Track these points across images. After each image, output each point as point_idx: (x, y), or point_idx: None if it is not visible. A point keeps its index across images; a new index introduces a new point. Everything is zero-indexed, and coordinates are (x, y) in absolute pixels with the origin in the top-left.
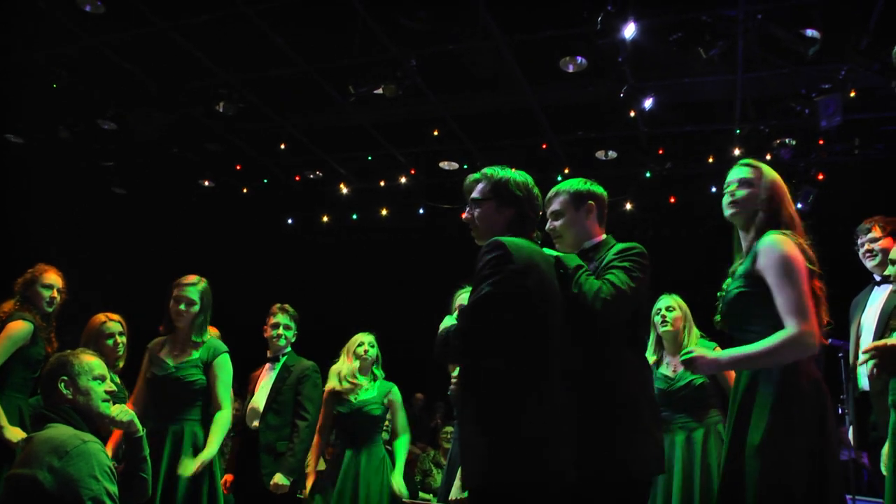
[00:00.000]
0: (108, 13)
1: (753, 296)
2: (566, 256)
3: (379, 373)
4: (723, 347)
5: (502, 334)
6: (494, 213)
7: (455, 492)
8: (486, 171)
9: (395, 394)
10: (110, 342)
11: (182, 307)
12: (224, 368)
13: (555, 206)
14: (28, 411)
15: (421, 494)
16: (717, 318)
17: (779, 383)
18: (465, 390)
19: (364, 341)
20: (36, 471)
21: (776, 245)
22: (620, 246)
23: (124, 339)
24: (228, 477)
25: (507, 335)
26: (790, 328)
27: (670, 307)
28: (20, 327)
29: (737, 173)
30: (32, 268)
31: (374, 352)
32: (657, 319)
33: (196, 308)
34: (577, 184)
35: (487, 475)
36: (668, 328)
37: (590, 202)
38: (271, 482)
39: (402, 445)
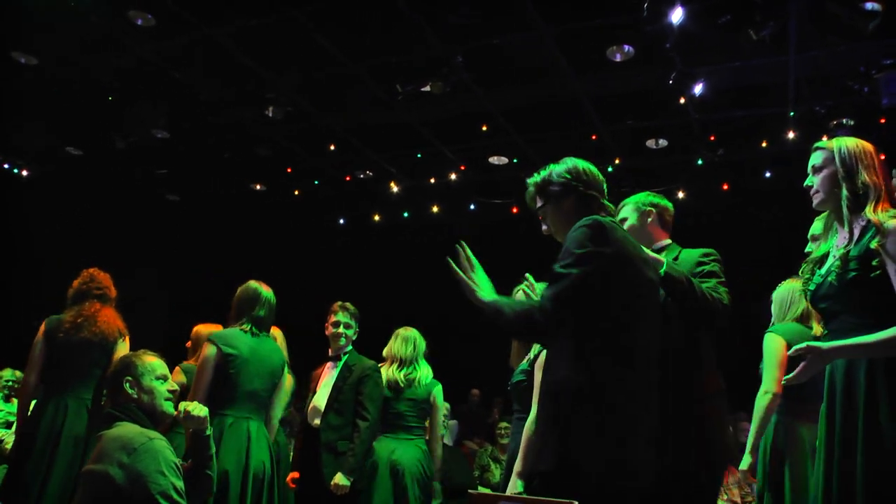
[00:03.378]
0: (158, 24)
1: (870, 280)
2: (673, 268)
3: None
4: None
5: (586, 317)
6: (556, 210)
7: (511, 487)
8: (529, 181)
9: None
10: None
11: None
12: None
13: (621, 213)
14: None
15: (480, 489)
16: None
17: None
18: (546, 373)
19: None
20: (108, 467)
21: None
22: (702, 250)
23: None
24: (294, 474)
25: (591, 319)
26: None
27: None
28: None
29: (810, 162)
30: (85, 274)
31: None
32: None
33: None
34: (642, 196)
35: (558, 461)
36: None
37: (650, 208)
38: (332, 482)
39: None
